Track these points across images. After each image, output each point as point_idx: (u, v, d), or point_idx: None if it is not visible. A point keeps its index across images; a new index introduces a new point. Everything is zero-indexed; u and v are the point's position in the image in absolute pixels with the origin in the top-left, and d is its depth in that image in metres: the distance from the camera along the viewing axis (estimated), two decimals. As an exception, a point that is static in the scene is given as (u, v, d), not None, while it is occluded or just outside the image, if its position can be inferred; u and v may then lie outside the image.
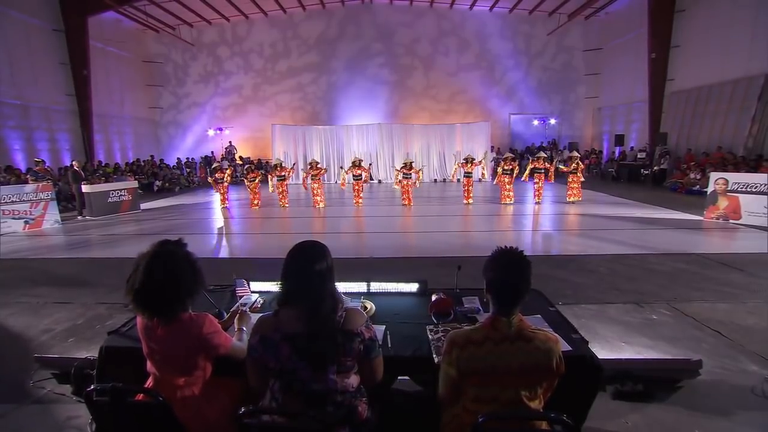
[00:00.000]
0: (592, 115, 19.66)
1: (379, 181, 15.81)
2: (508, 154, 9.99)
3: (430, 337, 1.77)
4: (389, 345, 1.73)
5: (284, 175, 9.92)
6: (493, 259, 1.42)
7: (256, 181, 9.94)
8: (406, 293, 2.26)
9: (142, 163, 15.87)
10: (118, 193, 9.46)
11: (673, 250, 5.79)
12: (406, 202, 9.57)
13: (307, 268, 1.38)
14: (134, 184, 10.03)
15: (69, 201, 10.40)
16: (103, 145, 17.07)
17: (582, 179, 9.64)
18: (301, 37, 19.59)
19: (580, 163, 9.72)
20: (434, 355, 1.63)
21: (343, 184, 10.65)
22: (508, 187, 9.57)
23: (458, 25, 19.26)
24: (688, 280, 4.64)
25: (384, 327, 1.86)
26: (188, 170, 16.73)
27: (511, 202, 9.67)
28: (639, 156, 14.26)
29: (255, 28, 19.63)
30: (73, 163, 9.57)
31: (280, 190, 9.91)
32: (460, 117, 19.44)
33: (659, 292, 4.30)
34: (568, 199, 9.71)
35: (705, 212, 7.77)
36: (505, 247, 1.42)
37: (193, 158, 18.59)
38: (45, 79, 14.51)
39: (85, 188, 9.06)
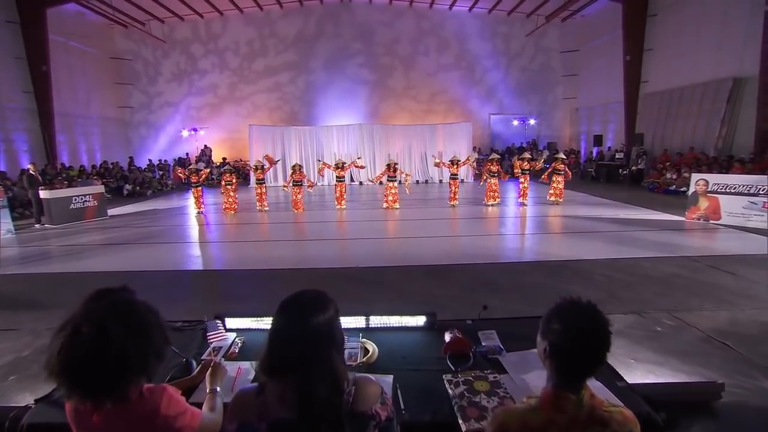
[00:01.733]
0: (569, 115, 19.88)
1: (361, 183, 15.41)
2: (495, 155, 9.79)
3: (450, 392, 1.43)
4: (401, 405, 1.38)
5: (263, 179, 9.39)
6: (560, 317, 1.05)
7: (233, 184, 9.36)
8: (412, 328, 1.90)
9: (110, 166, 14.87)
10: (81, 198, 8.70)
11: (662, 252, 5.69)
12: (391, 205, 9.25)
13: (300, 328, 1.00)
14: (100, 188, 9.28)
15: (26, 207, 9.54)
16: (67, 146, 15.95)
17: (569, 178, 9.55)
18: (278, 35, 18.94)
19: (566, 165, 9.61)
20: (460, 421, 1.29)
21: (321, 172, 10.23)
22: (494, 188, 9.38)
23: (438, 25, 19.07)
24: (684, 285, 4.52)
25: (392, 378, 1.50)
26: (161, 173, 15.82)
27: (496, 202, 9.51)
28: (617, 156, 14.41)
29: (230, 25, 18.85)
30: (29, 166, 8.75)
31: (258, 192, 9.39)
32: (440, 117, 19.27)
33: (657, 300, 4.15)
34: (549, 199, 9.62)
35: (686, 213, 7.79)
36: (574, 298, 1.06)
37: (166, 160, 17.64)
38: (-2, 75, 13.37)
39: (43, 194, 8.29)
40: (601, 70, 17.56)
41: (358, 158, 10.85)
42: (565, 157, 9.75)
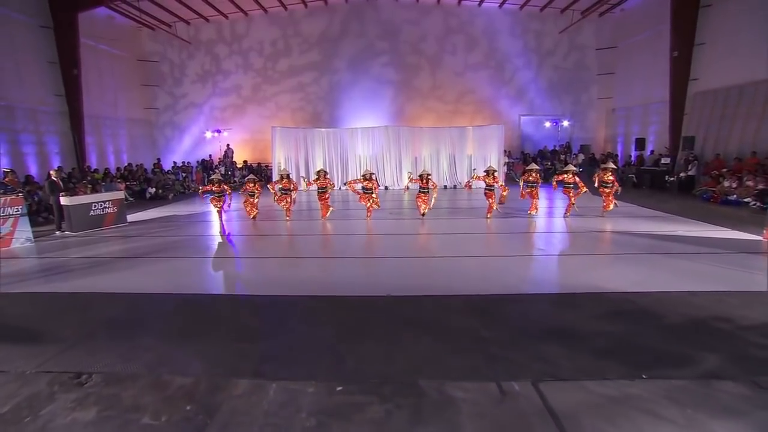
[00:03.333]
0: (605, 116, 18.56)
1: (386, 188, 14.73)
2: (534, 166, 8.85)
3: None
4: None
5: (289, 189, 8.81)
6: None
7: (256, 195, 8.80)
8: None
9: (135, 168, 14.73)
10: (101, 205, 8.38)
11: (751, 286, 4.73)
12: (421, 216, 8.54)
13: None
14: (120, 194, 8.95)
15: (50, 212, 9.32)
16: (95, 148, 15.97)
17: (617, 189, 8.55)
18: (302, 34, 18.46)
19: (613, 177, 8.57)
20: None
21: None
22: (533, 199, 8.52)
23: (466, 23, 18.14)
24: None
25: None
26: (184, 175, 15.60)
27: (536, 213, 8.64)
28: (663, 161, 13.11)
29: (254, 25, 18.50)
30: (51, 172, 8.49)
31: (284, 203, 8.81)
32: (468, 118, 18.37)
33: (762, 355, 3.27)
34: (604, 212, 8.63)
35: (765, 231, 6.70)
36: None
37: (189, 162, 17.45)
38: (32, 79, 13.42)
39: (63, 200, 8.00)
40: (641, 67, 16.24)
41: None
42: (615, 166, 8.72)
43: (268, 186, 8.97)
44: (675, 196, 11.57)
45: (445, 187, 14.56)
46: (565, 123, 17.92)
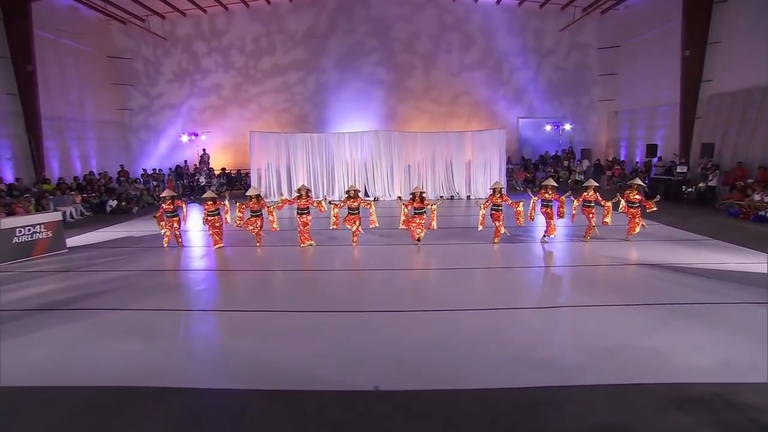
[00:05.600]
0: (607, 119, 17.31)
1: (376, 199, 13.24)
2: (551, 182, 7.40)
3: None
4: None
5: (260, 212, 7.28)
6: None
7: (218, 214, 7.23)
8: None
9: (98, 177, 13.01)
10: (29, 230, 6.75)
11: None
12: (417, 241, 7.08)
13: None
14: (57, 216, 7.26)
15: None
16: (57, 153, 14.18)
17: (653, 207, 7.22)
18: (287, 31, 16.86)
19: (641, 196, 7.21)
20: None
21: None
22: (550, 218, 7.11)
23: (462, 20, 16.70)
24: None
25: None
26: (155, 183, 13.89)
27: (554, 236, 7.24)
28: (679, 170, 11.81)
29: (235, 20, 16.84)
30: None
31: (253, 226, 7.27)
32: (463, 121, 16.99)
33: None
34: (628, 235, 7.28)
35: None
36: None
37: (160, 169, 15.69)
38: (-23, 76, 11.67)
39: (-20, 225, 6.38)
40: (647, 68, 15.00)
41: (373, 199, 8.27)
42: (642, 183, 7.35)
43: (237, 207, 7.28)
44: (696, 210, 10.26)
45: (442, 197, 13.13)
46: (567, 126, 16.60)
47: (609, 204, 7.23)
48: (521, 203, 7.33)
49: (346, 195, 7.21)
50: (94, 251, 7.26)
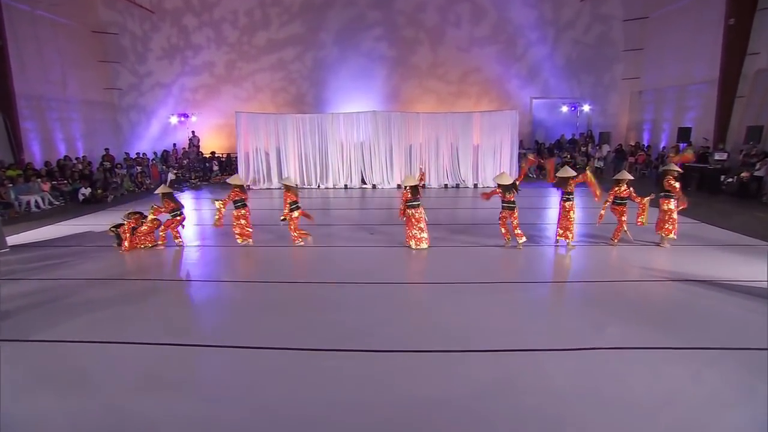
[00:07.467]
0: (629, 99, 15.57)
1: (374, 186, 11.96)
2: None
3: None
4: None
5: (244, 201, 6.11)
6: None
7: (175, 215, 6.05)
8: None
9: (75, 161, 11.93)
10: (-40, 225, 5.71)
11: None
12: (417, 244, 5.80)
13: None
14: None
15: None
16: (37, 135, 13.11)
17: (684, 205, 5.83)
18: (282, 3, 15.36)
19: (675, 184, 5.77)
20: None
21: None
22: (569, 217, 5.79)
23: (473, -11, 14.96)
24: None
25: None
26: (139, 169, 12.77)
27: (573, 240, 5.92)
28: (717, 157, 10.24)
29: (226, -9, 15.33)
30: None
31: (237, 224, 6.12)
32: (472, 101, 15.47)
33: None
34: (663, 239, 5.89)
35: None
36: None
37: (144, 153, 14.53)
38: (-59, 51, 10.54)
39: None
40: (678, 41, 13.19)
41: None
42: (679, 169, 5.90)
43: (217, 203, 6.04)
44: (738, 204, 8.76)
45: (446, 186, 11.77)
46: (586, 107, 14.93)
47: (645, 201, 5.86)
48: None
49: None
50: (40, 251, 6.15)
